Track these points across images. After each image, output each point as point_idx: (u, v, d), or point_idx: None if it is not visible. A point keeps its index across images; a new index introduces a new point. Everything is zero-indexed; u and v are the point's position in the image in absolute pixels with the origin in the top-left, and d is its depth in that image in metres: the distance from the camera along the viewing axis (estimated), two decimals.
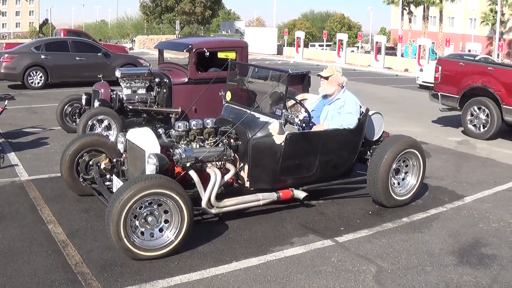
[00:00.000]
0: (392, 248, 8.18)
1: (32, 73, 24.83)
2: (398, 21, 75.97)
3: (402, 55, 59.08)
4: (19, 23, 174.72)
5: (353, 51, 73.97)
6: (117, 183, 8.50)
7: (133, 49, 65.02)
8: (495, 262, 7.82)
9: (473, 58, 33.87)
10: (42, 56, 24.97)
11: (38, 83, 25.00)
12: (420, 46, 49.59)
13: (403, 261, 7.75)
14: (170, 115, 14.14)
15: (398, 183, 10.01)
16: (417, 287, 7.03)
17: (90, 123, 13.17)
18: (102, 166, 9.12)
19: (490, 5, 77.15)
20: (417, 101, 26.41)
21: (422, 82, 33.02)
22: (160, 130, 9.04)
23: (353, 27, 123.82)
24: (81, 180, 9.50)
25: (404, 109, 23.33)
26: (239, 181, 9.01)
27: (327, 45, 72.89)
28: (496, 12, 67.14)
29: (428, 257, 7.90)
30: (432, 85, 31.41)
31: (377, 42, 55.50)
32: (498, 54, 51.40)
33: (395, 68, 51.03)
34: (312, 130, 9.46)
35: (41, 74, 24.95)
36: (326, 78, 9.68)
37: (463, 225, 9.27)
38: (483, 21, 79.97)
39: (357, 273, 7.32)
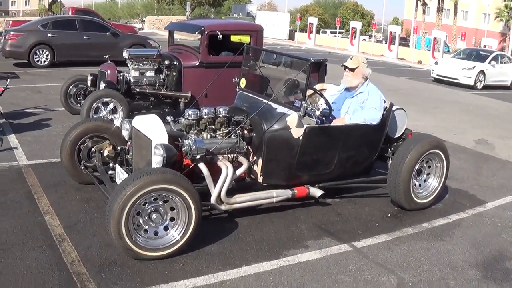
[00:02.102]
0: (413, 257, 7.62)
1: (38, 51, 24.27)
2: (412, 12, 75.06)
3: (414, 47, 58.51)
4: (28, 1, 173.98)
5: (364, 39, 73.42)
6: (120, 173, 7.95)
7: (142, 29, 64.61)
8: None
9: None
10: (49, 35, 24.43)
11: (44, 61, 24.44)
12: (434, 38, 48.95)
13: (425, 273, 7.19)
14: (179, 100, 13.65)
15: (420, 185, 9.47)
16: None
17: (94, 105, 12.63)
18: (105, 153, 8.62)
19: (504, 1, 76.37)
20: (433, 95, 26.00)
21: (437, 75, 32.52)
22: (169, 118, 8.42)
23: (366, 15, 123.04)
24: (83, 167, 8.96)
25: (419, 102, 22.80)
26: (251, 176, 8.45)
27: (339, 33, 72.33)
28: (511, 9, 66.39)
29: (451, 270, 7.34)
30: (448, 79, 31.30)
31: (391, 32, 54.76)
32: None
33: (409, 59, 50.49)
34: (332, 124, 8.87)
35: (47, 52, 24.40)
36: (352, 70, 9.05)
37: (485, 234, 8.72)
38: (497, 17, 79.13)
39: (377, 284, 6.77)
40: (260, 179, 8.33)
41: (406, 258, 7.57)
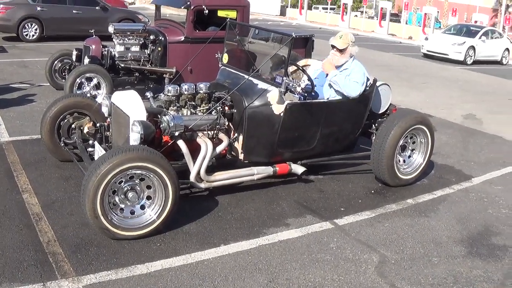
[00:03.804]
0: (396, 234, 7.54)
1: (27, 25, 23.99)
2: None
3: (406, 23, 58.35)
4: None
5: (356, 15, 73.15)
6: (99, 150, 7.83)
7: (134, 4, 64.14)
8: (507, 255, 7.22)
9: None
10: (38, 8, 24.14)
11: (33, 35, 24.19)
12: (425, 14, 48.84)
13: (408, 250, 7.11)
14: (164, 75, 13.52)
15: (404, 161, 9.40)
16: (424, 282, 6.39)
17: (78, 81, 12.47)
18: (85, 130, 8.47)
19: None
20: (422, 70, 25.92)
21: (427, 51, 32.50)
22: (148, 94, 8.34)
23: None
24: (62, 144, 8.84)
25: (408, 77, 22.71)
26: (232, 153, 8.36)
27: (331, 9, 72.03)
28: None
29: (435, 246, 7.27)
30: (438, 54, 31.21)
31: (382, 8, 54.65)
32: (503, 27, 50.40)
33: (399, 35, 50.37)
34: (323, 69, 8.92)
35: (36, 26, 24.14)
36: (341, 50, 8.91)
37: (471, 210, 8.66)
38: None
39: (358, 262, 6.68)
40: (241, 156, 8.24)
41: (389, 235, 7.50)
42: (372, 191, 9.04)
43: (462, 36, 32.45)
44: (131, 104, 7.49)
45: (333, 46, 8.93)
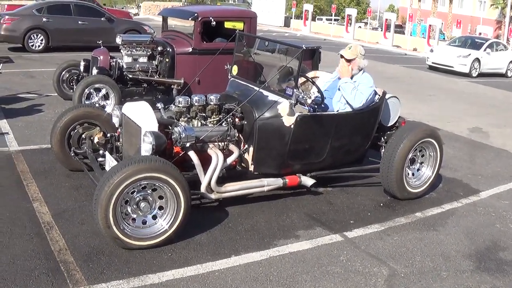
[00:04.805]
0: (406, 247, 7.54)
1: (33, 36, 24.19)
2: None
3: (410, 34, 58.37)
4: None
5: (360, 26, 73.22)
6: (110, 160, 7.85)
7: (138, 15, 64.35)
8: None
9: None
10: (44, 19, 24.35)
11: (39, 46, 24.36)
12: (430, 26, 48.81)
13: (417, 263, 7.11)
14: (172, 86, 13.59)
15: (413, 174, 9.39)
16: None
17: (86, 91, 12.56)
18: (96, 140, 8.48)
19: None
20: (428, 82, 25.92)
21: (432, 63, 32.45)
22: (159, 105, 8.39)
23: (362, 2, 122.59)
24: (72, 154, 8.89)
25: (414, 90, 22.71)
26: (242, 164, 8.37)
27: (335, 20, 72.13)
28: None
29: (444, 260, 7.26)
30: (443, 66, 31.20)
31: (386, 19, 54.62)
32: (507, 39, 50.40)
33: (404, 46, 50.34)
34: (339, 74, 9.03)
35: (42, 37, 24.33)
36: (348, 61, 8.93)
37: (479, 224, 8.64)
38: (493, 4, 78.81)
39: (368, 275, 6.68)
40: (251, 168, 8.25)
41: (398, 248, 7.49)
42: (381, 204, 9.05)
43: (467, 48, 32.39)
44: (143, 115, 7.52)
45: (341, 56, 8.97)
